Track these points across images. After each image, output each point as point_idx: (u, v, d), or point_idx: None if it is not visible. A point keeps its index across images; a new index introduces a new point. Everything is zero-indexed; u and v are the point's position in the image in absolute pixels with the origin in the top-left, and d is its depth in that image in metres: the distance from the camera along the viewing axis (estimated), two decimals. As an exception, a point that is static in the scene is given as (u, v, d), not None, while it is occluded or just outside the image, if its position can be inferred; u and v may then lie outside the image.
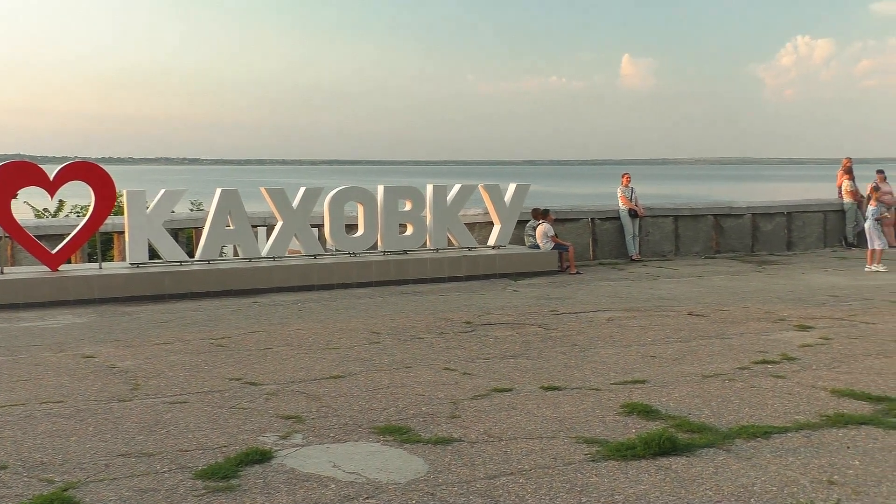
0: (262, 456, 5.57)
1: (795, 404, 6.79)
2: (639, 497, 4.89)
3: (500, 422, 6.39)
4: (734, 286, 13.90)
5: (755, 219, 19.61)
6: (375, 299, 12.75)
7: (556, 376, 7.80)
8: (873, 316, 10.80)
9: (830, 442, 5.83)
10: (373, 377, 7.83)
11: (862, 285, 13.78)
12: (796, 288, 13.61)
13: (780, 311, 11.23)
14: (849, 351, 8.74)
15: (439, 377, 7.82)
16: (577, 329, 10.13)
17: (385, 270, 14.44)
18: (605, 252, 17.98)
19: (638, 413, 6.55)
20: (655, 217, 18.53)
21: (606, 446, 5.72)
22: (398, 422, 6.39)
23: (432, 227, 15.39)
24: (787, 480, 5.11)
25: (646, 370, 8.01)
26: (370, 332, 10.10)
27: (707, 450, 5.68)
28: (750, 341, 9.32)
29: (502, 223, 15.99)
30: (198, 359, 8.68)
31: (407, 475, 5.27)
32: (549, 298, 12.66)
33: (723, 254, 18.95)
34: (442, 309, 11.78)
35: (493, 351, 8.97)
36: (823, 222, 20.33)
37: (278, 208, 14.28)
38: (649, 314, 11.15)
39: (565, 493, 4.95)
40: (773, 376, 7.72)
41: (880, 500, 4.80)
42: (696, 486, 5.04)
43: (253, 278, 13.52)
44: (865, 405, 6.72)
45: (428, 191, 15.44)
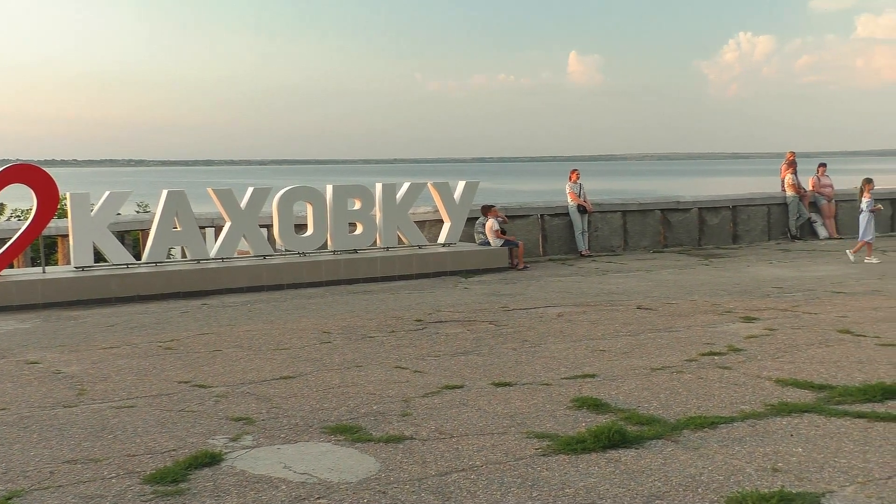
0: (212, 459, 5.51)
1: (741, 394, 6.91)
2: (589, 490, 4.93)
3: (451, 419, 6.41)
4: (682, 280, 14.09)
5: (702, 213, 19.89)
6: (326, 299, 12.70)
7: (507, 372, 7.84)
8: (816, 306, 11.02)
9: (775, 430, 5.94)
10: (324, 377, 7.80)
11: (805, 277, 14.06)
12: (742, 280, 13.83)
13: (726, 304, 11.40)
14: (792, 341, 8.91)
15: (390, 375, 7.81)
16: (528, 325, 10.19)
17: (335, 270, 14.38)
18: (555, 248, 18.10)
19: (588, 407, 6.61)
20: (604, 212, 18.69)
21: (557, 440, 5.77)
22: (349, 421, 6.38)
23: (382, 226, 15.37)
24: (733, 469, 5.20)
25: (595, 364, 8.09)
26: (321, 331, 10.05)
27: (655, 441, 5.75)
28: (697, 334, 9.45)
29: (452, 221, 16.02)
30: (145, 362, 8.57)
31: (358, 474, 5.26)
32: (500, 295, 12.72)
33: (670, 248, 19.19)
34: (393, 307, 11.77)
35: (444, 348, 8.98)
36: (767, 215, 20.69)
37: (226, 209, 14.15)
38: (599, 309, 11.25)
39: (516, 488, 4.98)
40: (719, 368, 7.84)
41: (822, 485, 4.90)
42: (645, 478, 5.10)
43: (201, 280, 13.38)
44: (808, 393, 6.86)
45: (377, 189, 15.41)
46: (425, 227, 16.70)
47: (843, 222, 21.43)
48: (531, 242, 17.65)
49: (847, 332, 9.31)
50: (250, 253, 14.47)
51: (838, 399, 6.63)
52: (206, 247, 14.28)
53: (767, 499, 4.62)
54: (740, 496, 4.71)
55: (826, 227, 20.98)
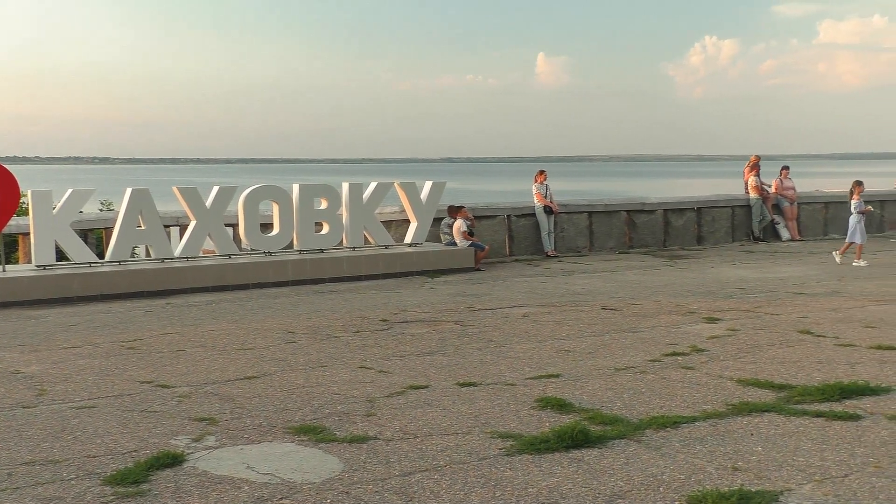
0: (174, 459, 5.47)
1: (703, 394, 6.98)
2: (552, 489, 4.96)
3: (415, 419, 6.41)
4: (646, 280, 14.19)
5: (667, 214, 20.05)
6: (291, 299, 12.65)
7: (472, 372, 7.85)
8: (777, 307, 11.16)
9: (736, 430, 6.00)
10: (288, 377, 7.77)
11: (767, 278, 14.22)
12: (706, 281, 13.97)
13: (690, 304, 11.51)
14: (754, 341, 9.01)
15: (355, 375, 7.80)
16: (493, 325, 10.22)
17: (301, 269, 14.33)
18: (522, 248, 18.16)
19: (552, 407, 6.64)
20: (570, 213, 18.79)
21: (521, 440, 5.79)
22: (313, 421, 6.36)
23: (349, 226, 15.33)
24: (694, 468, 5.25)
25: (560, 364, 8.13)
26: (286, 331, 10.01)
27: (618, 441, 5.79)
28: (661, 334, 9.53)
29: (419, 221, 16.02)
30: (107, 362, 8.49)
31: (322, 474, 5.24)
32: (466, 295, 12.74)
33: (636, 249, 19.32)
34: (358, 307, 11.75)
35: (409, 348, 8.98)
36: (731, 217, 20.90)
37: (191, 208, 14.04)
38: (564, 309, 11.31)
39: (480, 488, 4.99)
40: (682, 368, 7.91)
41: (781, 483, 4.97)
42: (608, 477, 5.13)
43: (165, 279, 13.27)
44: (769, 393, 6.94)
45: (344, 189, 15.37)
46: (392, 227, 16.69)
47: (805, 224, 21.73)
48: (498, 243, 17.71)
49: (807, 332, 9.44)
50: (215, 252, 14.38)
51: (798, 399, 6.71)
52: (171, 246, 14.16)
53: (727, 497, 4.67)
54: (701, 495, 4.76)
55: (788, 229, 21.24)
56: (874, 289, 12.70)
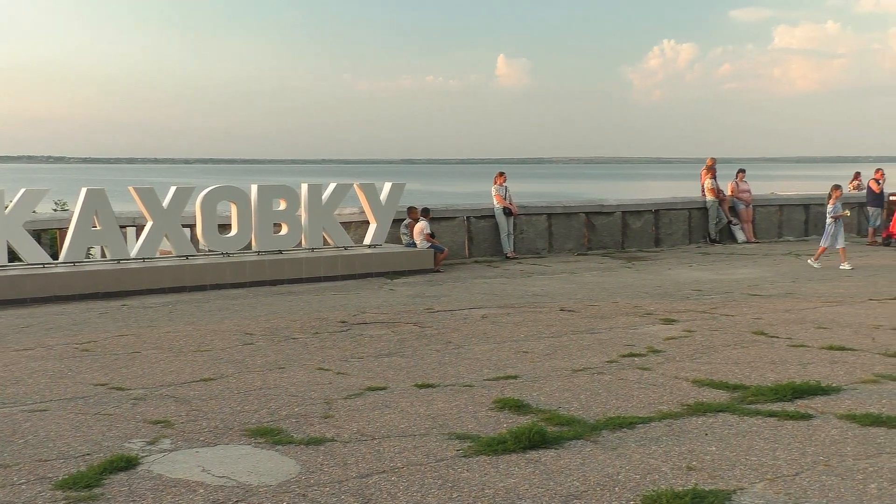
0: (128, 463, 5.41)
1: (659, 395, 7.05)
2: (508, 490, 4.98)
3: (373, 420, 6.40)
4: (605, 282, 14.30)
5: (625, 216, 20.21)
6: (249, 300, 12.56)
7: (431, 374, 7.86)
8: (732, 308, 11.30)
9: (690, 430, 6.07)
10: (245, 379, 7.72)
11: (723, 279, 14.40)
12: (663, 283, 14.10)
13: (647, 306, 11.61)
14: (709, 342, 9.12)
15: (313, 377, 7.77)
16: (452, 327, 10.23)
17: (259, 270, 14.23)
18: (481, 250, 18.20)
19: (510, 408, 6.66)
20: (529, 215, 18.87)
21: (478, 442, 5.80)
22: (270, 423, 6.32)
23: (307, 227, 15.26)
24: (649, 468, 5.30)
25: (518, 366, 8.16)
26: (243, 333, 9.94)
27: (575, 442, 5.83)
28: (618, 335, 9.61)
29: (378, 222, 15.99)
30: (61, 364, 8.37)
31: (278, 477, 5.21)
32: (425, 297, 12.74)
33: (594, 250, 19.45)
34: (317, 309, 11.70)
35: (367, 350, 8.97)
36: (688, 219, 21.12)
37: (147, 208, 13.89)
38: (523, 311, 11.35)
39: (437, 490, 5.00)
40: (639, 368, 7.99)
41: (734, 482, 5.04)
42: (564, 478, 5.17)
43: (121, 280, 13.10)
44: (723, 393, 7.03)
45: (303, 190, 15.30)
46: (351, 228, 16.64)
47: (761, 227, 22.03)
48: (457, 244, 17.73)
49: (761, 333, 9.57)
50: (172, 253, 14.24)
51: (751, 399, 6.81)
52: (127, 246, 14.00)
53: (681, 497, 4.72)
54: (655, 495, 4.80)
55: (744, 231, 21.52)
56: (826, 290, 12.91)
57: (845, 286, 13.38)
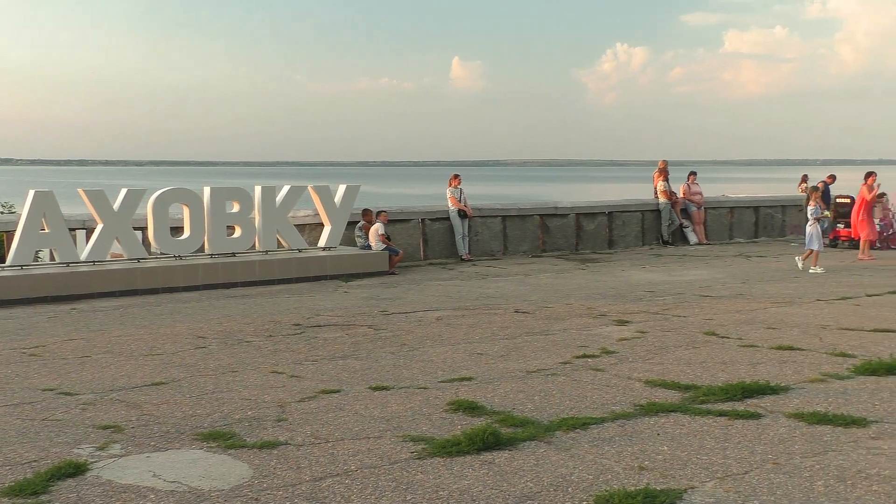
0: (76, 469, 5.32)
1: (612, 395, 7.10)
2: (462, 492, 4.98)
3: (327, 423, 6.37)
4: (559, 284, 14.38)
5: (579, 218, 20.35)
6: (202, 303, 12.43)
7: (385, 376, 7.84)
8: (684, 309, 11.43)
9: (643, 430, 6.13)
10: (197, 382, 7.64)
11: (675, 281, 14.56)
12: (616, 284, 14.22)
13: (600, 307, 11.70)
14: (662, 343, 9.22)
15: (266, 380, 7.71)
16: (407, 329, 10.22)
17: (212, 273, 14.10)
18: (436, 252, 18.21)
19: (464, 410, 6.67)
20: (484, 217, 18.92)
21: (432, 444, 5.80)
22: (223, 427, 6.26)
23: (261, 229, 15.16)
24: (602, 469, 5.34)
25: (473, 368, 8.17)
26: (196, 336, 9.84)
27: (529, 443, 5.85)
28: (572, 337, 9.67)
29: (332, 224, 15.93)
30: (7, 370, 8.20)
31: (230, 481, 5.17)
32: (380, 299, 12.71)
33: (549, 252, 19.56)
34: (271, 311, 11.62)
35: (321, 352, 8.92)
36: (641, 221, 21.33)
37: (98, 210, 13.68)
38: (477, 313, 11.38)
39: (391, 492, 4.99)
40: (592, 369, 8.04)
41: (685, 481, 5.09)
42: (518, 479, 5.18)
43: (71, 284, 12.90)
44: (675, 393, 7.10)
45: (256, 192, 15.19)
46: (305, 231, 16.56)
47: (713, 228, 22.32)
48: (412, 246, 17.72)
49: (712, 333, 9.70)
50: (124, 256, 14.05)
51: (702, 398, 6.89)
52: (77, 249, 13.78)
53: (633, 496, 4.76)
54: (608, 495, 4.84)
55: (696, 233, 21.79)
56: (776, 291, 13.12)
57: (793, 287, 13.61)
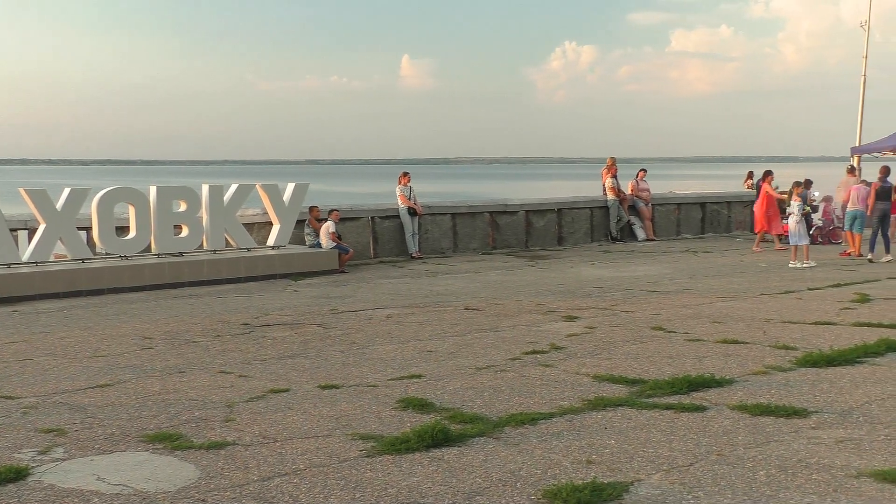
0: (17, 474, 5.21)
1: (561, 391, 7.15)
2: (412, 489, 4.98)
3: (275, 423, 6.33)
4: (509, 280, 14.44)
5: (528, 215, 20.45)
6: (149, 303, 12.27)
7: (334, 375, 7.81)
8: (632, 305, 11.55)
9: (591, 424, 6.19)
10: (143, 384, 7.54)
11: (623, 277, 14.71)
12: (566, 281, 14.32)
13: (550, 304, 11.78)
14: (610, 338, 9.31)
15: (214, 381, 7.63)
16: (357, 327, 10.19)
17: (159, 273, 13.92)
18: (386, 250, 18.18)
19: (413, 407, 6.67)
20: (434, 215, 18.93)
21: (382, 441, 5.80)
22: (169, 428, 6.19)
23: (209, 228, 14.99)
24: (550, 463, 5.38)
25: (422, 365, 8.18)
26: (142, 337, 9.71)
27: (478, 439, 5.87)
28: (522, 333, 9.72)
29: (281, 223, 15.82)
30: (-53, 374, 8.02)
31: (177, 483, 5.11)
32: (330, 297, 12.66)
33: (499, 249, 19.64)
34: (219, 311, 11.51)
35: (270, 352, 8.86)
36: (590, 218, 21.51)
37: (40, 210, 13.42)
38: (427, 310, 11.38)
39: (339, 490, 4.97)
40: (541, 365, 8.09)
41: (632, 474, 5.15)
42: (467, 475, 5.20)
43: (12, 285, 12.63)
44: (623, 388, 7.18)
45: (203, 191, 15.03)
46: (254, 230, 16.42)
47: (660, 225, 22.58)
48: (362, 245, 17.67)
49: (660, 328, 9.81)
50: (68, 257, 13.81)
51: (649, 392, 6.97)
52: (18, 250, 13.51)
53: (580, 490, 4.81)
54: (556, 489, 4.88)
55: (644, 230, 22.03)
56: (721, 286, 13.32)
57: (738, 282, 13.83)
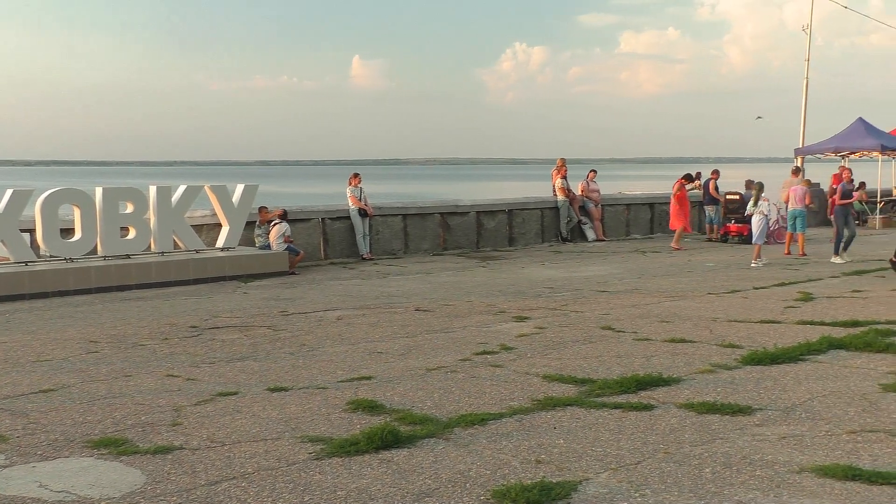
0: (-43, 481, 5.11)
1: (511, 391, 7.18)
2: (360, 491, 4.97)
3: (224, 426, 6.27)
4: (460, 281, 14.47)
5: (479, 216, 20.51)
6: (95, 307, 12.08)
7: (284, 377, 7.76)
8: (582, 305, 11.65)
9: (540, 424, 6.22)
10: (88, 388, 7.42)
11: (573, 277, 14.81)
12: (516, 281, 14.39)
13: (500, 304, 11.82)
14: (559, 338, 9.37)
15: (161, 384, 7.54)
16: (307, 329, 10.14)
17: (106, 276, 13.70)
18: (337, 251, 18.10)
19: (363, 409, 6.65)
20: (385, 216, 18.90)
21: (331, 444, 5.77)
22: (115, 433, 6.10)
23: (156, 230, 14.80)
24: (500, 463, 5.40)
25: (373, 366, 8.16)
26: (87, 341, 9.55)
27: (428, 440, 5.87)
28: (472, 334, 9.74)
29: (231, 224, 15.67)
30: None
31: (122, 488, 5.03)
32: (280, 299, 12.57)
33: (450, 250, 19.66)
34: (167, 314, 11.37)
35: (219, 355, 8.77)
36: (541, 219, 21.63)
37: (-19, 212, 13.15)
38: (378, 311, 11.36)
39: (288, 494, 4.94)
40: (491, 366, 8.12)
41: (580, 473, 5.19)
42: (416, 476, 5.20)
43: (-47, 289, 12.36)
44: (572, 388, 7.23)
45: (151, 192, 14.83)
46: (203, 232, 16.23)
47: (610, 225, 22.78)
48: (312, 246, 17.57)
49: (609, 328, 9.90)
50: (10, 259, 13.53)
51: (598, 392, 7.03)
52: (-41, 253, 13.23)
53: (529, 489, 4.83)
54: (505, 489, 4.90)
55: (594, 230, 22.21)
56: (669, 286, 13.48)
57: (686, 281, 14.01)
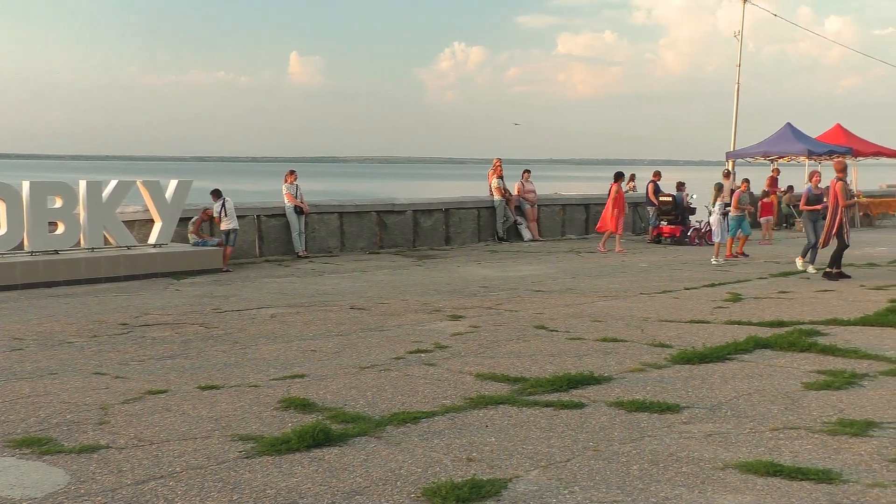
0: None
1: (444, 389, 7.20)
2: (291, 489, 4.94)
3: (152, 425, 6.17)
4: (395, 280, 14.46)
5: (416, 215, 20.52)
6: (20, 303, 11.79)
7: (215, 375, 7.67)
8: (516, 304, 11.73)
9: (472, 422, 6.25)
10: (11, 387, 7.24)
11: (509, 276, 14.91)
12: (452, 280, 14.43)
13: (436, 303, 11.85)
14: (494, 337, 9.42)
15: (88, 382, 7.39)
16: (240, 327, 10.03)
17: (32, 272, 13.39)
18: (272, 249, 17.96)
19: (295, 407, 6.61)
20: (321, 214, 18.80)
21: (261, 442, 5.72)
22: (38, 432, 5.96)
23: (86, 226, 14.52)
24: (431, 461, 5.41)
25: (306, 364, 8.11)
26: (12, 338, 9.33)
27: (360, 438, 5.86)
28: (407, 332, 9.74)
29: (164, 221, 15.44)
30: None
31: (45, 489, 4.92)
32: (213, 297, 12.42)
33: (386, 249, 19.64)
34: (96, 311, 11.15)
35: (149, 352, 8.64)
36: (477, 218, 21.72)
37: None
38: (312, 309, 11.30)
39: (216, 493, 4.88)
40: (425, 364, 8.13)
41: (510, 471, 5.23)
42: (348, 474, 5.18)
43: None
44: (504, 386, 7.27)
45: (81, 187, 14.54)
46: (135, 227, 15.96)
47: (545, 225, 22.98)
48: (247, 243, 17.41)
49: (542, 327, 9.99)
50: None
51: (530, 390, 7.09)
52: None
53: (460, 487, 4.85)
54: (435, 486, 4.91)
55: (530, 230, 22.38)
56: (603, 286, 13.65)
57: (619, 281, 14.19)
